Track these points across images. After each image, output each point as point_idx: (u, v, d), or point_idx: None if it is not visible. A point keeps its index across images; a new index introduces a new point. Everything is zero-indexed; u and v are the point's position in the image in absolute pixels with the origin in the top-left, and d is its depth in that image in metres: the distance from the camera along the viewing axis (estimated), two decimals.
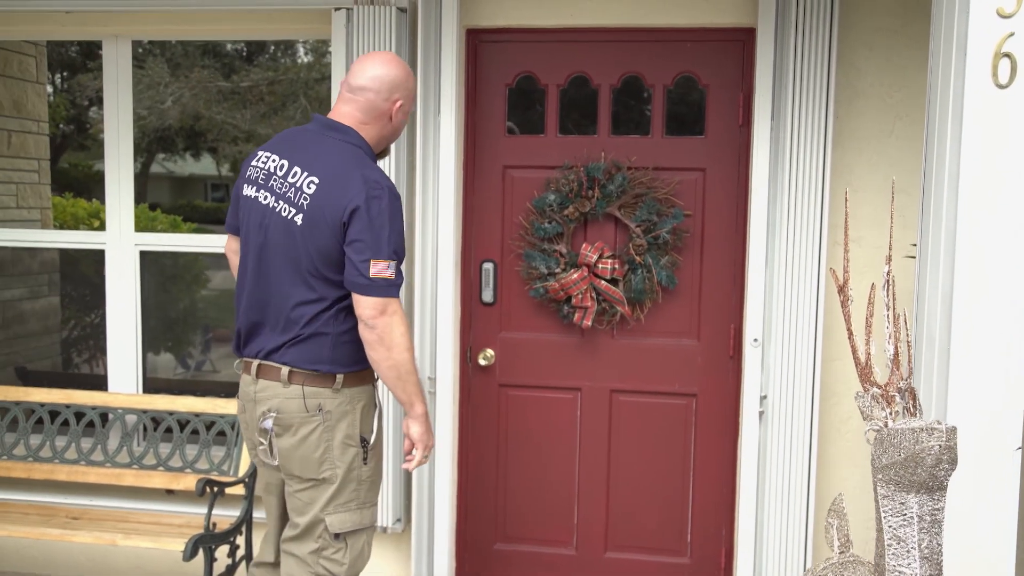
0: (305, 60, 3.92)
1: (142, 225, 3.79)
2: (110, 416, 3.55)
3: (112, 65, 3.64)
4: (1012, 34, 2.02)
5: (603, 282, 3.26)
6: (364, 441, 2.40)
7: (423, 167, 3.24)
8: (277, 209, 2.33)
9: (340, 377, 2.35)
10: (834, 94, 3.00)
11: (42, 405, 3.58)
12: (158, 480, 3.43)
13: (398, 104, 2.41)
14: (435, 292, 3.28)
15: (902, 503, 1.58)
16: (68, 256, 4.90)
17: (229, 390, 3.89)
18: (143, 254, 3.69)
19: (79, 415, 3.56)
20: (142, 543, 3.09)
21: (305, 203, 2.29)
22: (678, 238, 3.26)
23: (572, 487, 3.43)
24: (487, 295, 3.40)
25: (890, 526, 1.59)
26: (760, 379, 3.11)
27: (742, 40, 3.23)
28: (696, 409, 3.34)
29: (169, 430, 3.51)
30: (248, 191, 2.41)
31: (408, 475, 3.38)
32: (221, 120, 4.58)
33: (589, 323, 3.27)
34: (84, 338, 5.07)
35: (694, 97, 3.31)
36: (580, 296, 3.25)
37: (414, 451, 2.45)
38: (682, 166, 3.28)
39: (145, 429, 3.58)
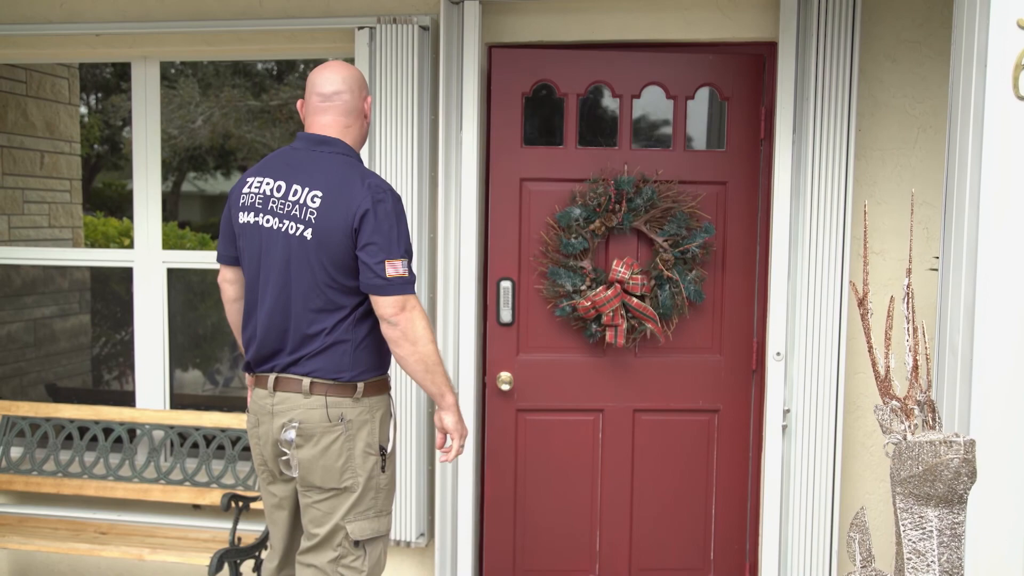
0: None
1: (171, 243, 3.85)
2: (137, 432, 3.60)
3: (140, 86, 3.71)
4: None
5: (634, 299, 3.21)
6: (383, 449, 2.43)
7: (445, 183, 3.25)
8: (283, 229, 2.36)
9: (361, 386, 2.39)
10: (856, 106, 2.99)
11: (71, 421, 3.64)
12: (185, 495, 3.47)
13: (368, 100, 2.50)
14: (457, 312, 3.27)
15: (921, 516, 1.56)
16: (98, 274, 4.98)
17: None
18: (171, 271, 3.75)
19: (107, 431, 3.61)
20: (168, 557, 3.12)
21: (312, 217, 2.32)
22: (707, 252, 3.24)
23: (595, 510, 3.40)
24: (505, 315, 3.35)
25: (909, 540, 1.57)
26: (783, 393, 3.09)
27: (763, 54, 3.23)
28: (718, 425, 3.32)
29: (196, 445, 3.55)
30: (245, 218, 2.43)
31: (431, 490, 3.38)
32: (251, 139, 4.64)
33: (622, 342, 3.21)
34: (114, 355, 5.14)
35: (715, 110, 3.32)
36: (611, 314, 3.19)
37: (448, 442, 2.47)
38: (703, 179, 3.28)
39: (172, 445, 3.61)
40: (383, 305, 2.31)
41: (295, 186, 2.36)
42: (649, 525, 3.37)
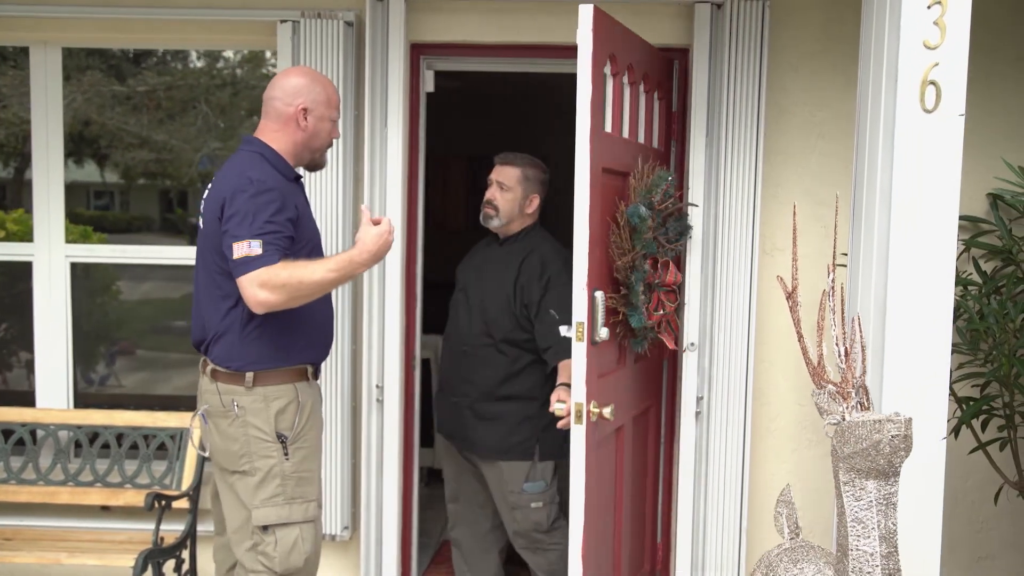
0: (198, 65, 3.89)
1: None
2: (39, 433, 3.46)
3: (40, 72, 3.56)
4: (937, 64, 2.23)
5: None
6: (281, 437, 2.46)
7: (370, 179, 3.28)
8: (198, 221, 2.57)
9: (250, 375, 2.44)
10: (764, 112, 3.20)
11: None
12: (96, 496, 3.37)
13: (301, 108, 2.50)
14: (383, 311, 3.35)
15: (862, 488, 1.74)
16: None
17: (165, 403, 3.84)
18: (74, 265, 3.63)
19: (7, 432, 3.46)
20: (88, 560, 3.05)
21: (202, 207, 2.52)
22: None
23: None
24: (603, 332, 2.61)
25: (852, 509, 1.75)
26: (696, 381, 3.28)
27: (674, 59, 3.39)
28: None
29: (106, 445, 3.45)
30: None
31: (356, 484, 3.41)
32: (114, 126, 4.47)
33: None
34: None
35: None
36: None
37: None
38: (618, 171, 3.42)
39: (79, 445, 3.49)
40: (242, 288, 2.33)
41: (209, 184, 2.55)
42: None
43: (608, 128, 2.79)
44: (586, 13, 2.53)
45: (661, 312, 2.97)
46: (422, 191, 3.51)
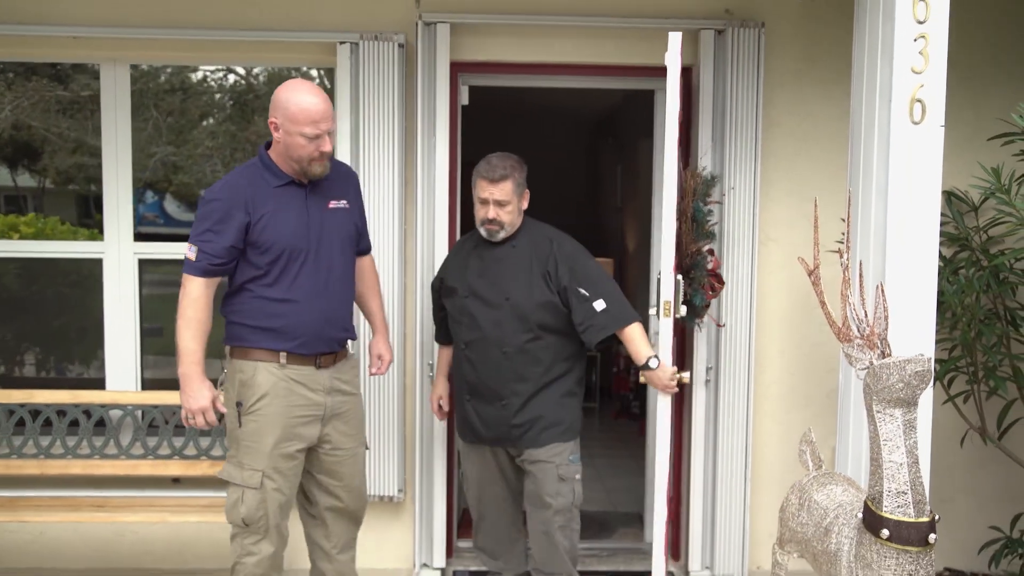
0: (145, 69, 4.13)
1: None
2: (111, 413, 3.81)
3: (111, 88, 3.89)
4: (922, 86, 2.80)
5: None
6: (239, 404, 2.88)
7: (423, 180, 3.73)
8: None
9: (228, 348, 2.96)
10: (762, 123, 3.75)
11: (48, 405, 3.78)
12: (174, 468, 3.73)
13: (272, 122, 2.83)
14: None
15: (890, 415, 2.28)
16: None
17: None
18: (141, 262, 3.98)
19: (87, 414, 3.80)
20: (191, 518, 3.48)
21: None
22: None
23: None
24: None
25: (883, 432, 2.29)
26: (706, 352, 3.82)
27: (681, 77, 3.92)
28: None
29: (180, 425, 3.80)
30: None
31: (406, 453, 3.85)
32: (43, 130, 4.64)
33: None
34: (66, 344, 5.12)
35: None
36: None
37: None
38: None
39: (152, 425, 3.83)
40: None
41: None
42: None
43: None
44: (675, 40, 3.12)
45: (713, 293, 3.57)
46: (460, 193, 3.97)
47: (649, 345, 3.18)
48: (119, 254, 3.95)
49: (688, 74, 3.91)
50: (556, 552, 3.29)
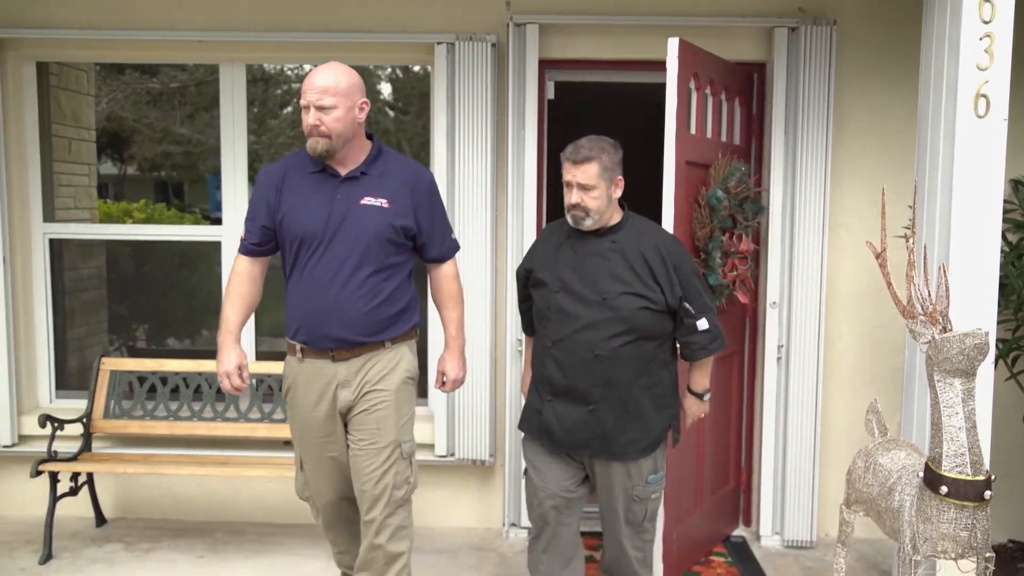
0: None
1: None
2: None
3: (228, 86, 4.29)
4: (987, 82, 3.01)
5: None
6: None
7: (514, 171, 4.05)
8: None
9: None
10: (833, 117, 3.97)
11: (176, 374, 4.21)
12: (287, 431, 4.09)
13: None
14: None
15: (950, 384, 2.53)
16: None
17: None
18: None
19: (209, 383, 4.21)
20: None
21: None
22: None
23: None
24: None
25: (944, 399, 2.53)
26: (778, 332, 4.07)
27: (752, 72, 4.17)
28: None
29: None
30: None
31: (496, 422, 4.19)
32: (132, 120, 4.98)
33: None
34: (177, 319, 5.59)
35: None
36: None
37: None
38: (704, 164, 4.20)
39: (269, 391, 4.23)
40: None
41: None
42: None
43: (692, 130, 3.66)
44: (673, 45, 3.38)
45: (735, 273, 3.80)
46: (546, 183, 4.27)
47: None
48: (236, 238, 4.35)
49: (761, 70, 4.15)
50: (625, 558, 3.07)
